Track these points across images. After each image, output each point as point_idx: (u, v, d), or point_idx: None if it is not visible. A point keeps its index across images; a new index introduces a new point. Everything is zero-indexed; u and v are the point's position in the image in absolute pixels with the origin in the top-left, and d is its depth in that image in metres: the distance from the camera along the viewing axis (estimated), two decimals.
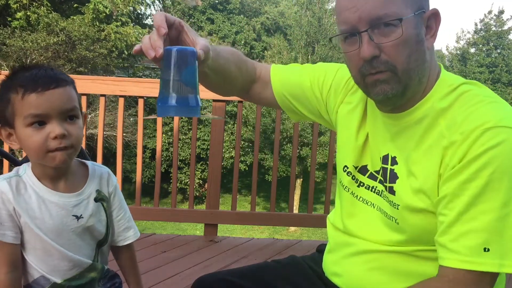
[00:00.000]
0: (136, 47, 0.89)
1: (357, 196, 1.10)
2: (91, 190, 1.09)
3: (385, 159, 1.03)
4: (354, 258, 1.08)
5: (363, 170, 1.10)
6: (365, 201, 1.09)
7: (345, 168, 1.13)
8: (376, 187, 1.06)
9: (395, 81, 0.94)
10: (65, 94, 1.00)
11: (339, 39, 0.99)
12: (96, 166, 1.14)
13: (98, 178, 1.12)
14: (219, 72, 1.11)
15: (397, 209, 0.99)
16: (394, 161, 1.01)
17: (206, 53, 0.93)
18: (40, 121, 0.97)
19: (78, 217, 1.05)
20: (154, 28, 0.90)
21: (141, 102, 3.24)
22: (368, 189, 1.08)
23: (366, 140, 1.09)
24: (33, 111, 0.96)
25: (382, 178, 1.05)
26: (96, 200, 1.09)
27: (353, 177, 1.11)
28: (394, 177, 1.00)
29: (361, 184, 1.10)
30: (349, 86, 1.15)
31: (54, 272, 1.05)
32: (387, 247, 1.03)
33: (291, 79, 1.24)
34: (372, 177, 1.07)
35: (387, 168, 1.02)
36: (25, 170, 1.05)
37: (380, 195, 1.05)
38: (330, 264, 1.16)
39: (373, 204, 1.07)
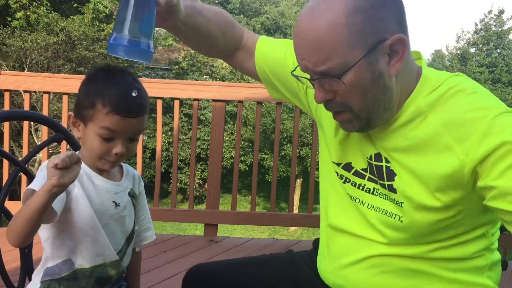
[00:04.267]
0: None
1: (346, 193, 1.08)
2: (127, 184, 1.18)
3: (377, 157, 1.01)
4: (355, 266, 1.05)
5: (347, 167, 1.07)
6: (352, 198, 1.06)
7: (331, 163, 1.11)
8: (365, 185, 1.04)
9: (356, 119, 0.95)
10: (142, 122, 1.07)
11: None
12: (129, 167, 1.23)
13: (132, 177, 1.21)
14: (197, 31, 1.09)
15: (401, 206, 0.97)
16: (387, 160, 0.99)
17: (170, 2, 0.90)
18: (110, 138, 1.05)
19: (116, 204, 1.12)
20: None
21: None
22: (355, 186, 1.06)
23: (347, 137, 1.07)
24: (110, 127, 1.03)
25: (372, 176, 1.03)
26: (129, 194, 1.17)
27: (337, 173, 1.09)
28: (391, 175, 0.98)
29: (347, 180, 1.07)
30: None
31: (83, 256, 1.08)
32: (387, 248, 1.01)
33: (274, 56, 1.20)
34: (358, 174, 1.05)
35: (381, 165, 1.00)
36: None
37: (372, 193, 1.03)
38: (328, 274, 1.12)
39: (362, 201, 1.04)
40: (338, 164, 1.08)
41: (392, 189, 0.98)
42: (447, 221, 0.95)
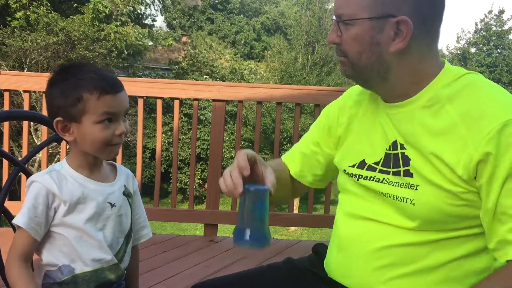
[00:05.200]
0: (221, 185, 1.00)
1: (359, 185, 1.12)
2: (121, 184, 1.18)
3: (394, 145, 1.06)
4: (364, 257, 1.07)
5: (361, 165, 1.13)
6: (365, 188, 1.10)
7: (344, 170, 1.17)
8: (375, 176, 1.09)
9: (348, 66, 1.07)
10: (127, 96, 1.13)
11: None
12: (122, 167, 1.24)
13: (125, 175, 1.22)
14: (281, 182, 1.16)
15: (416, 189, 1.00)
16: (402, 146, 1.05)
17: (274, 188, 1.03)
18: (109, 119, 1.08)
19: (112, 205, 1.13)
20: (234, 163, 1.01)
21: (140, 102, 3.24)
22: (367, 179, 1.10)
23: (359, 136, 1.14)
24: (109, 109, 1.07)
25: (383, 168, 1.07)
26: (124, 194, 1.18)
27: (351, 175, 1.14)
28: (406, 160, 1.03)
29: (360, 176, 1.12)
30: (345, 107, 1.23)
31: (82, 260, 1.09)
32: (400, 238, 1.03)
33: (299, 150, 1.35)
34: (371, 168, 1.10)
35: (397, 153, 1.05)
36: (62, 165, 1.13)
37: (381, 182, 1.07)
38: (338, 267, 1.15)
39: (375, 190, 1.08)
40: (353, 166, 1.14)
41: (408, 174, 1.03)
42: (457, 208, 0.97)
